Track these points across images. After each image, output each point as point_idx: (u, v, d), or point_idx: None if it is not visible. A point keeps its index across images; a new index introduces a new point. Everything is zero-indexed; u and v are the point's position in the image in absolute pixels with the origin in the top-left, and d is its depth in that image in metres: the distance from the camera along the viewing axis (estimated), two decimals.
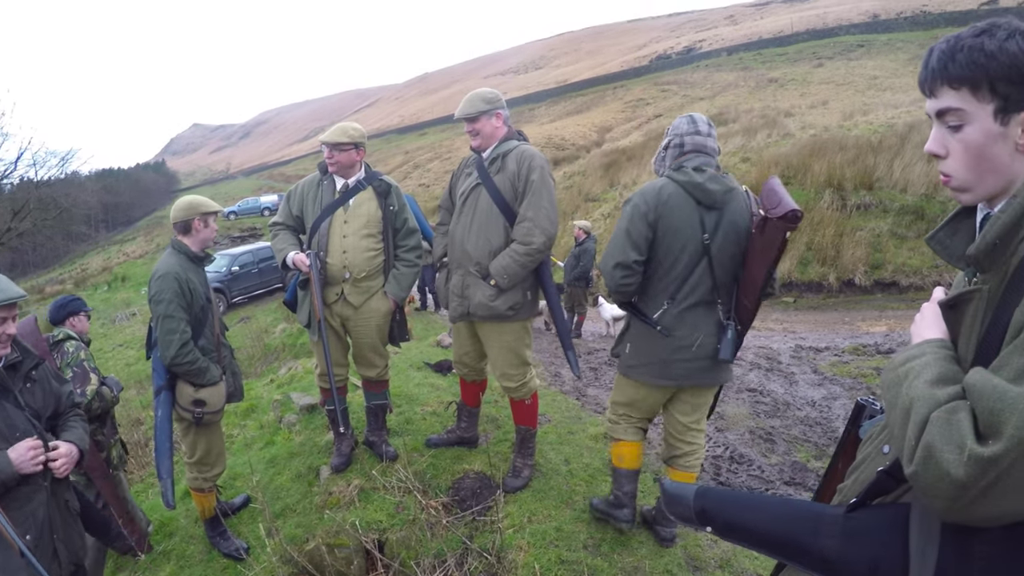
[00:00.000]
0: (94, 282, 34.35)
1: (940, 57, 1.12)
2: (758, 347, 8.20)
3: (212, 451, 3.73)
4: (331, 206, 3.73)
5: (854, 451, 1.50)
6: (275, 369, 9.36)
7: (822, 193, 14.20)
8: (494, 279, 3.35)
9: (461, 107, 3.46)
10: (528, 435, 3.84)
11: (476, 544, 3.32)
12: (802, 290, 12.79)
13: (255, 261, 21.01)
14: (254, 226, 36.25)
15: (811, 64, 38.40)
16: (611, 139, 33.89)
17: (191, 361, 3.37)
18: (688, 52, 55.76)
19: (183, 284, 3.37)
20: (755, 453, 4.65)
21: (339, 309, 3.81)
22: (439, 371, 6.25)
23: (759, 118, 24.32)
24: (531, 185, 3.29)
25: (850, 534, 1.20)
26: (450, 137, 54.07)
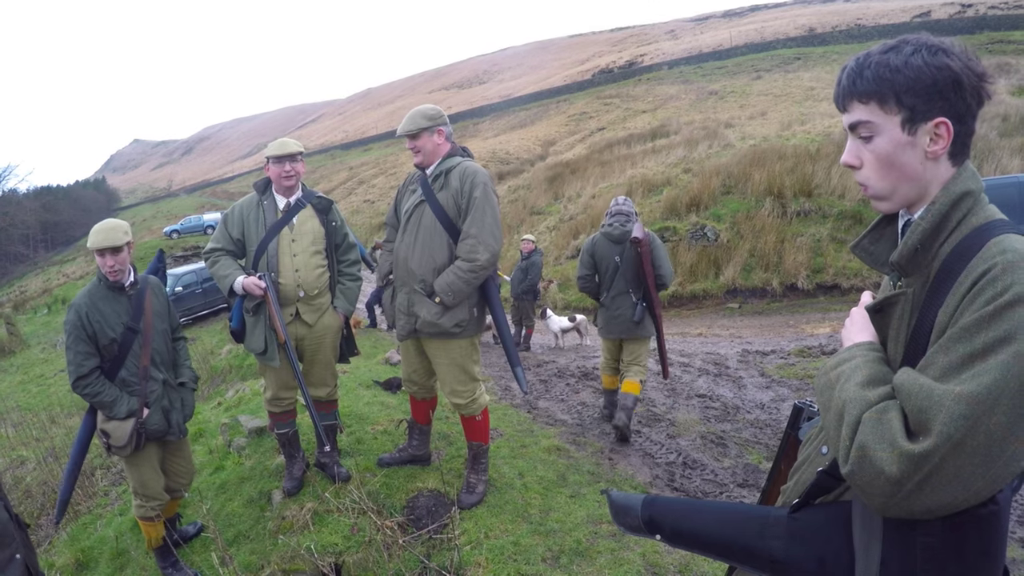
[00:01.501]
0: (33, 305, 33.09)
1: (850, 74, 1.20)
2: (706, 353, 8.35)
3: (146, 483, 3.61)
4: (276, 226, 3.67)
5: (795, 453, 1.55)
6: (222, 392, 9.10)
7: (763, 201, 14.57)
8: (439, 296, 3.35)
9: (402, 124, 3.47)
10: (480, 451, 3.83)
11: (434, 563, 3.29)
12: (747, 296, 13.08)
13: (199, 281, 20.46)
14: (197, 245, 35.31)
15: (750, 77, 39.32)
16: (555, 152, 34.16)
17: (90, 393, 3.34)
18: (630, 66, 56.56)
19: (83, 316, 3.31)
20: (708, 458, 4.73)
21: (294, 329, 3.74)
22: (388, 389, 6.19)
23: (700, 130, 24.83)
24: (474, 202, 3.31)
25: (795, 534, 1.25)
26: (395, 152, 53.79)
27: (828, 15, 49.74)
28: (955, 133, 1.13)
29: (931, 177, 1.16)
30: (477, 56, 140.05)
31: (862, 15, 46.35)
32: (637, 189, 17.86)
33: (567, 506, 3.71)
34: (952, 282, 1.07)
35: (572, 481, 4.07)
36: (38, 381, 16.63)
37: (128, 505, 5.19)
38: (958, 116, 1.12)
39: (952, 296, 1.05)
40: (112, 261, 3.35)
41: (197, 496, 4.51)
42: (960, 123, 1.13)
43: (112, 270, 3.37)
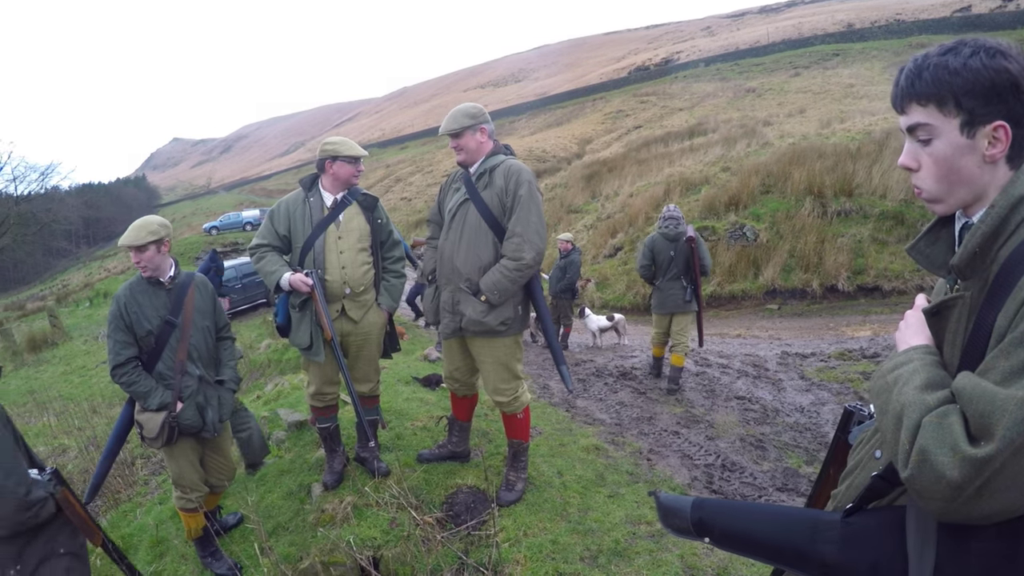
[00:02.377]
0: (75, 298, 33.91)
1: (908, 76, 1.18)
2: (745, 354, 8.25)
3: (183, 475, 3.66)
4: (323, 222, 3.69)
5: (844, 457, 1.53)
6: (261, 385, 9.24)
7: (803, 201, 14.31)
8: (484, 295, 3.36)
9: (445, 123, 3.47)
10: (520, 449, 3.83)
11: (472, 559, 3.30)
12: (786, 297, 12.86)
13: (238, 276, 20.76)
14: (236, 241, 35.98)
15: (788, 74, 38.77)
16: (592, 151, 34.00)
17: (126, 382, 3.40)
18: (666, 63, 56.16)
19: (122, 307, 3.39)
20: (747, 460, 4.67)
21: (339, 325, 3.77)
22: (427, 385, 6.23)
23: (738, 128, 24.48)
24: (519, 200, 3.31)
25: (848, 538, 1.23)
26: (431, 150, 54.09)
27: (866, 10, 48.73)
28: (1013, 136, 1.11)
29: (988, 181, 1.15)
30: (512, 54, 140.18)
31: (901, 10, 45.32)
32: (675, 188, 17.65)
33: (605, 506, 3.70)
34: (1012, 286, 1.05)
35: (611, 481, 4.05)
36: (80, 372, 17.04)
37: (168, 494, 5.30)
38: (1016, 119, 1.11)
39: (1012, 300, 1.03)
40: (137, 258, 3.42)
41: (241, 487, 4.59)
42: (1018, 126, 1.11)
43: (139, 266, 3.45)
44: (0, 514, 2.23)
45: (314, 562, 3.47)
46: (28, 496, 2.28)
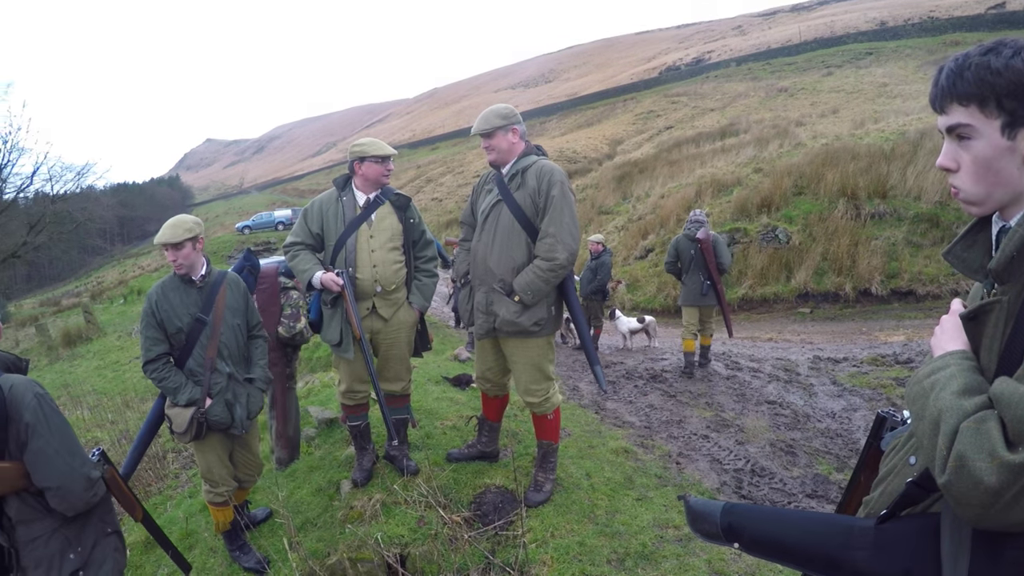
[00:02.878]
0: (110, 295, 34.57)
1: (949, 75, 1.16)
2: (776, 358, 8.16)
3: (211, 470, 3.72)
4: (355, 221, 3.75)
5: (876, 464, 1.51)
6: None
7: (836, 202, 14.10)
8: (518, 295, 3.37)
9: (476, 123, 3.49)
10: (550, 450, 3.83)
11: (499, 559, 3.30)
12: (818, 300, 12.68)
13: None
14: (268, 240, 36.49)
15: (820, 73, 38.32)
16: (623, 151, 33.92)
17: (156, 378, 3.48)
18: (697, 63, 55.76)
19: (153, 305, 3.47)
20: (776, 466, 4.62)
21: (370, 323, 3.83)
22: (457, 385, 6.26)
23: (770, 128, 24.24)
24: (552, 201, 3.31)
25: (882, 545, 1.22)
26: (462, 151, 54.27)
27: (900, 7, 47.83)
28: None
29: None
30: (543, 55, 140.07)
31: (935, 7, 44.41)
32: (707, 189, 17.50)
33: (633, 509, 3.67)
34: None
35: (639, 484, 4.03)
36: (113, 367, 17.36)
37: (198, 488, 5.37)
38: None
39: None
40: (173, 256, 3.48)
41: (271, 482, 4.65)
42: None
43: (175, 264, 3.51)
44: (73, 495, 2.29)
45: (342, 558, 3.49)
46: (92, 474, 2.36)
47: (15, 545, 2.33)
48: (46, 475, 2.24)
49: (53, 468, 2.25)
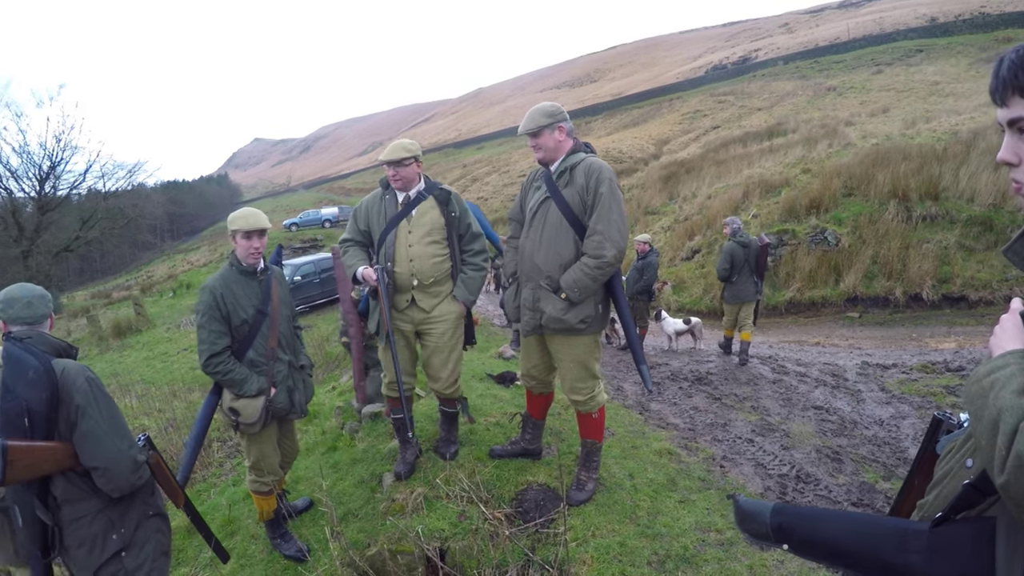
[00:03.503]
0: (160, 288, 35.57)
1: (1011, 66, 1.12)
2: (823, 363, 8.00)
3: (263, 460, 3.79)
4: (396, 218, 3.84)
5: (931, 467, 1.48)
6: (337, 377, 9.51)
7: (886, 204, 13.76)
8: (565, 292, 3.36)
9: (523, 123, 3.50)
10: (593, 449, 3.81)
11: (539, 556, 3.29)
12: (868, 305, 12.38)
13: (316, 271, 21.44)
14: (315, 237, 37.19)
15: (870, 71, 37.48)
16: (669, 151, 33.66)
17: (221, 371, 3.48)
18: (744, 62, 55.11)
19: (218, 298, 3.47)
20: (822, 472, 4.52)
21: (411, 314, 3.90)
22: (501, 383, 6.28)
23: (819, 128, 23.76)
24: (600, 198, 3.30)
25: (936, 548, 1.19)
26: (507, 151, 54.45)
27: (950, 3, 46.41)
28: None
29: None
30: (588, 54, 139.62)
31: (986, 2, 42.96)
32: (754, 190, 17.22)
33: (676, 511, 3.64)
34: None
35: (682, 486, 3.98)
36: (162, 358, 17.86)
37: (240, 477, 5.50)
38: None
39: None
40: (258, 243, 3.56)
41: (311, 472, 4.73)
42: None
43: (255, 252, 3.57)
44: (120, 476, 2.37)
45: (382, 549, 3.53)
46: (139, 457, 2.44)
47: (59, 524, 2.41)
48: (94, 455, 2.32)
49: (102, 449, 2.33)
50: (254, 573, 3.87)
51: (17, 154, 32.37)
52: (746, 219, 15.72)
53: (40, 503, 2.36)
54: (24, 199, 32.74)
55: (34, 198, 32.32)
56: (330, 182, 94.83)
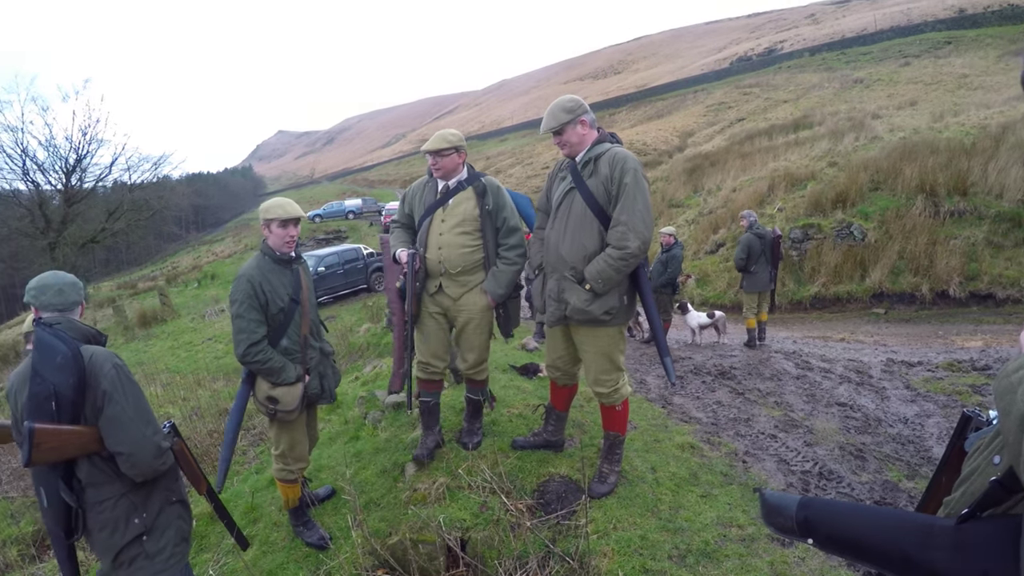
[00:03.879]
0: (184, 279, 35.98)
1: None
2: (848, 359, 7.91)
3: (295, 447, 3.82)
4: (432, 206, 3.93)
5: (959, 464, 1.46)
6: (360, 367, 9.56)
7: (914, 199, 13.56)
8: (589, 284, 3.35)
9: (544, 122, 3.50)
10: (616, 441, 3.81)
11: (559, 548, 3.30)
12: (893, 301, 12.22)
13: (340, 262, 21.57)
14: (339, 228, 37.45)
15: (897, 63, 36.97)
16: (693, 144, 33.46)
17: (260, 361, 3.48)
18: (769, 53, 54.57)
19: (256, 286, 3.46)
20: (845, 470, 4.47)
21: (440, 299, 3.98)
22: (524, 374, 6.28)
23: (845, 120, 23.48)
24: (624, 188, 3.27)
25: (961, 546, 1.17)
26: (531, 143, 54.35)
27: None
28: None
29: None
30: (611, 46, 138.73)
31: None
32: (780, 183, 17.02)
33: (697, 505, 3.62)
34: None
35: (704, 480, 3.97)
36: (187, 347, 18.09)
37: (264, 464, 5.55)
38: None
39: None
40: (294, 232, 3.59)
41: (333, 461, 4.77)
42: None
43: (291, 240, 3.60)
44: (143, 461, 2.41)
45: (403, 538, 3.55)
46: (163, 443, 2.48)
47: (83, 506, 2.46)
48: (119, 440, 2.36)
49: (126, 434, 2.37)
50: (276, 560, 3.91)
51: (44, 148, 32.97)
52: (771, 212, 15.59)
53: (65, 485, 2.41)
54: (51, 192, 33.20)
55: (60, 191, 32.77)
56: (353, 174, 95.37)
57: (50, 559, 5.51)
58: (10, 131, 30.59)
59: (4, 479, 7.91)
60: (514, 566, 3.19)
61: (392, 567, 3.49)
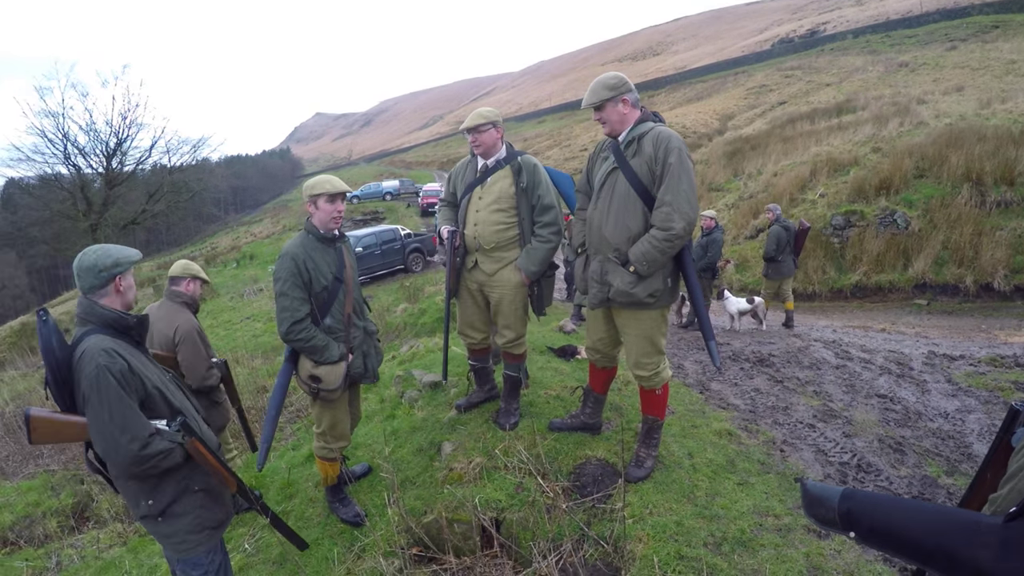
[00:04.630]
0: (223, 259, 36.59)
1: None
2: (888, 351, 7.76)
3: (336, 426, 3.83)
4: (471, 184, 4.01)
5: (1006, 459, 1.43)
6: (397, 347, 9.65)
7: (959, 187, 13.17)
8: (633, 265, 3.32)
9: (586, 97, 3.45)
10: (655, 425, 3.79)
11: (594, 531, 3.31)
12: (936, 292, 11.93)
13: (378, 243, 21.79)
14: (376, 210, 37.75)
15: (943, 47, 35.78)
16: (734, 127, 32.96)
17: (304, 339, 3.48)
18: (812, 35, 53.41)
19: (300, 265, 3.45)
20: (883, 463, 4.40)
21: (476, 275, 4.08)
22: (562, 356, 6.27)
23: (890, 105, 22.81)
24: (669, 168, 3.22)
25: (1008, 544, 1.14)
26: (569, 124, 54.00)
27: None
28: None
29: None
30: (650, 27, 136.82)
31: None
32: (822, 168, 16.65)
33: (734, 493, 3.59)
34: None
35: (741, 468, 3.93)
36: (225, 326, 18.45)
37: (302, 441, 5.65)
38: None
39: None
40: (342, 207, 3.60)
41: (378, 440, 4.83)
42: None
43: (338, 216, 3.60)
44: (117, 466, 2.47)
45: (438, 517, 3.58)
46: (143, 451, 2.44)
47: (109, 477, 2.62)
48: (95, 440, 2.43)
49: (99, 437, 2.41)
50: (311, 535, 3.98)
51: (84, 132, 33.64)
52: (813, 198, 15.31)
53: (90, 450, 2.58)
54: (92, 175, 34.02)
55: (102, 174, 33.56)
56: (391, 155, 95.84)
57: (88, 531, 5.71)
58: (51, 117, 31.33)
59: (46, 452, 8.16)
60: (548, 548, 3.19)
61: (426, 545, 3.53)
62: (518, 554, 3.37)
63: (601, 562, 3.13)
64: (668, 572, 2.90)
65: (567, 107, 67.79)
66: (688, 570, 2.92)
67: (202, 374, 4.33)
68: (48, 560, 5.10)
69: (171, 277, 4.57)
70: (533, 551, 3.22)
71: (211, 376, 4.39)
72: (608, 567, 3.10)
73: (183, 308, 4.48)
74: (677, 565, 2.95)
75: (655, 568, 2.90)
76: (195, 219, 71.90)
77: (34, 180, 34.88)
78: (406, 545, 3.52)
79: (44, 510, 6.03)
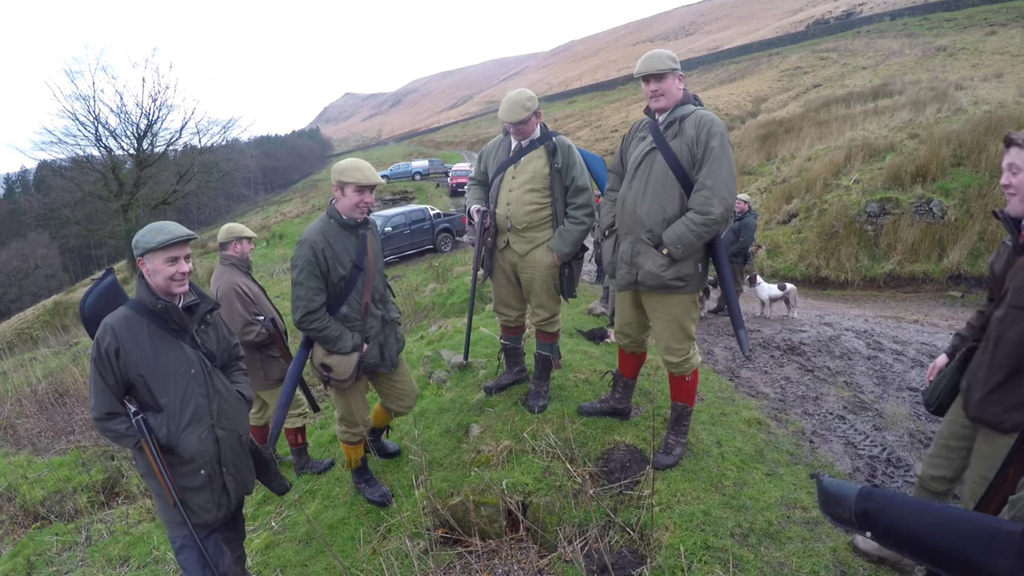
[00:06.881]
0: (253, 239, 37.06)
1: None
2: (921, 343, 7.60)
3: (353, 413, 3.81)
4: (504, 164, 4.00)
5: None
6: (425, 327, 9.68)
7: (998, 177, 12.81)
8: (667, 248, 3.27)
9: (645, 64, 3.32)
10: (684, 412, 3.75)
11: (620, 518, 3.30)
12: (971, 285, 11.64)
13: (407, 223, 21.92)
14: (406, 189, 37.92)
15: (983, 31, 34.91)
16: (767, 109, 32.43)
17: (316, 328, 3.45)
18: (848, 17, 52.37)
19: (318, 252, 3.39)
20: (914, 458, 4.29)
21: (507, 255, 4.08)
22: (591, 339, 6.25)
23: (927, 90, 22.22)
24: (711, 152, 3.17)
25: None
26: (599, 105, 53.56)
27: None
28: None
29: None
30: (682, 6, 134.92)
31: None
32: (857, 154, 16.23)
33: (762, 483, 3.54)
34: None
35: (770, 458, 3.88)
36: None
37: (327, 421, 5.71)
38: None
39: None
40: (369, 199, 3.51)
41: (408, 421, 4.85)
42: None
43: (365, 207, 3.49)
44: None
45: (465, 499, 3.60)
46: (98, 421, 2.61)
47: None
48: None
49: None
50: (337, 514, 4.02)
51: (115, 114, 34.26)
52: (847, 184, 15.01)
53: None
54: (123, 156, 34.73)
55: (133, 155, 34.26)
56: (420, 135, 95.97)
57: (117, 506, 5.83)
58: (82, 100, 32.03)
59: (77, 428, 8.30)
60: (574, 533, 3.21)
61: (452, 527, 3.56)
62: (543, 538, 3.37)
63: (627, 549, 3.12)
64: (694, 562, 2.88)
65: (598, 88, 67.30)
66: (714, 560, 2.89)
67: (240, 330, 4.43)
68: (78, 535, 5.19)
69: (220, 243, 5.00)
70: (559, 536, 3.23)
71: (249, 332, 4.48)
72: (633, 554, 3.08)
73: (229, 269, 4.74)
74: (703, 555, 2.93)
75: (681, 557, 2.88)
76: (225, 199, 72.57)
77: (66, 162, 35.65)
78: (432, 527, 3.55)
79: (75, 485, 6.13)
